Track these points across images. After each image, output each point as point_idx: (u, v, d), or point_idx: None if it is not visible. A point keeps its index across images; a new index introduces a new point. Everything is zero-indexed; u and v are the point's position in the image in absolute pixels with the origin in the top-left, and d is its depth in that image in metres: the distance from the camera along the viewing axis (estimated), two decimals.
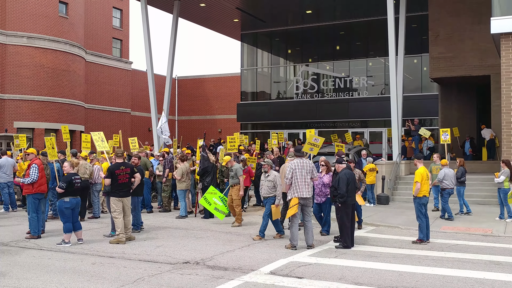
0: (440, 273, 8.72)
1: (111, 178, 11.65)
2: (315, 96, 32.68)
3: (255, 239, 11.91)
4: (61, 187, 11.20)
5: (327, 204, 12.61)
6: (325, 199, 12.51)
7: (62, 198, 11.25)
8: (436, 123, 28.44)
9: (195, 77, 48.22)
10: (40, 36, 33.35)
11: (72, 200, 11.26)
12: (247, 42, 35.30)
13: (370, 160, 19.03)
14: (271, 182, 11.99)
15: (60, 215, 11.37)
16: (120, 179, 11.72)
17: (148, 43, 26.44)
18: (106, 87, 41.25)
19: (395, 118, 21.69)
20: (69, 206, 11.19)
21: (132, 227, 12.61)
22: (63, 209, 11.19)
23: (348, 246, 10.91)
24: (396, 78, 21.92)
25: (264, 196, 12.17)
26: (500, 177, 14.71)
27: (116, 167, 11.83)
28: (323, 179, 12.52)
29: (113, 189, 11.71)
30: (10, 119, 32.32)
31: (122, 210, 11.69)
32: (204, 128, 42.41)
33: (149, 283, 8.01)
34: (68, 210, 11.19)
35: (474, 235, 12.86)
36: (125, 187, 11.84)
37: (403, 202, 19.15)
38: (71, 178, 11.32)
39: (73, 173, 11.63)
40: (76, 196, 11.40)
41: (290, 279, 8.27)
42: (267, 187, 12.03)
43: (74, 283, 7.95)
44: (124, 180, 11.79)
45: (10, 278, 8.25)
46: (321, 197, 12.56)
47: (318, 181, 12.31)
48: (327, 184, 12.38)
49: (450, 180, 15.19)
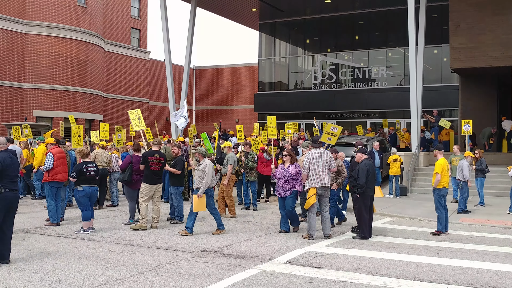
0: (458, 265, 8.65)
1: (144, 164, 11.76)
2: (333, 87, 32.48)
3: (180, 233, 11.09)
4: (72, 176, 11.40)
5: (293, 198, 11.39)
6: (291, 192, 11.31)
7: (76, 187, 11.39)
8: (456, 114, 28.14)
9: (212, 67, 48.23)
10: (59, 26, 33.54)
11: (86, 189, 11.32)
12: (265, 32, 35.16)
13: (394, 151, 18.91)
14: (202, 172, 11.10)
15: (77, 204, 11.53)
16: (152, 165, 11.80)
17: (166, 33, 26.47)
18: (125, 76, 41.44)
19: (414, 109, 21.48)
20: (83, 194, 11.28)
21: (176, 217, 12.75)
22: (78, 198, 11.34)
23: (365, 236, 10.86)
24: (416, 68, 21.68)
25: (196, 187, 11.28)
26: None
27: (150, 154, 11.93)
28: (289, 170, 11.34)
29: (144, 176, 11.83)
30: (29, 108, 32.66)
31: (151, 198, 11.82)
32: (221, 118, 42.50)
33: (167, 270, 8.06)
34: (83, 199, 11.30)
35: (494, 227, 12.72)
36: (157, 174, 11.93)
37: (421, 193, 19.02)
38: (81, 167, 11.39)
39: (85, 161, 11.67)
40: (91, 185, 11.47)
41: (307, 269, 8.26)
42: (198, 177, 11.15)
43: (93, 270, 8.03)
44: (157, 168, 11.90)
45: (30, 264, 8.36)
46: (285, 190, 11.37)
47: (283, 173, 11.35)
48: (294, 176, 11.29)
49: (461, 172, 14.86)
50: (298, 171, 11.33)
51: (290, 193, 11.32)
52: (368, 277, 7.80)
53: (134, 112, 14.67)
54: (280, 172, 11.42)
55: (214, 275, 7.82)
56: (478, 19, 23.17)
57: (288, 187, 11.31)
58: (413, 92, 21.54)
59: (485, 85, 26.39)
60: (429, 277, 7.85)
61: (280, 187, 11.44)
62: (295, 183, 11.31)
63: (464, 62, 23.47)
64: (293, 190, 11.32)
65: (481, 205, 15.92)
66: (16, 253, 9.03)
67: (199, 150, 11.53)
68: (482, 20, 23.10)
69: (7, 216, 8.38)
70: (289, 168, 11.38)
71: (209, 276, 7.76)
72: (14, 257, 8.70)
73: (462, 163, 14.84)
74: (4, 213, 8.29)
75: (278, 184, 11.51)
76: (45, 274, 7.75)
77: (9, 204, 8.35)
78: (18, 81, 32.39)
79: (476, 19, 23.21)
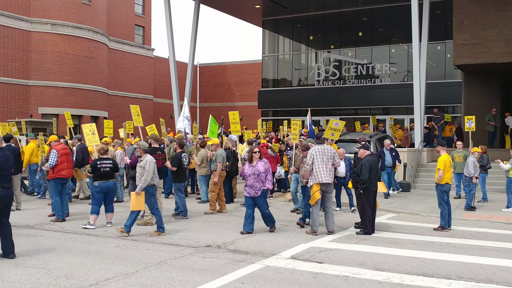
0: (461, 260, 8.69)
1: None
2: (336, 83, 32.48)
3: (118, 229, 10.51)
4: (88, 171, 11.60)
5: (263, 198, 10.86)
6: (261, 192, 10.68)
7: (93, 182, 11.52)
8: (459, 110, 28.13)
9: (216, 64, 48.28)
10: (64, 23, 33.64)
11: (102, 184, 11.41)
12: (269, 29, 35.15)
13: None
14: (142, 168, 10.64)
15: (91, 197, 11.67)
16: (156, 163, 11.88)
17: (170, 30, 26.53)
18: (129, 73, 41.54)
19: (418, 106, 21.49)
20: (98, 190, 11.40)
21: (180, 213, 12.89)
22: (93, 192, 11.50)
23: (369, 232, 10.92)
24: (420, 65, 21.68)
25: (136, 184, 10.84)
26: (507, 165, 14.50)
27: (153, 151, 12.00)
28: (257, 167, 10.71)
29: None
30: (35, 105, 32.81)
31: None
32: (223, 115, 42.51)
33: (171, 265, 8.13)
34: (98, 194, 11.42)
35: (496, 223, 12.76)
36: (160, 171, 12.07)
37: (424, 189, 19.05)
38: (96, 163, 11.49)
39: (102, 157, 11.71)
40: (107, 180, 11.54)
41: (311, 264, 8.32)
42: (139, 173, 10.69)
43: (98, 265, 8.11)
44: (160, 165, 12.04)
45: (36, 260, 8.44)
46: (255, 190, 10.71)
47: (252, 170, 10.67)
48: (263, 173, 10.67)
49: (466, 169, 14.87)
50: (267, 167, 10.76)
51: (260, 193, 10.71)
52: (371, 272, 7.86)
53: (134, 107, 14.77)
54: (248, 170, 10.75)
55: (218, 270, 7.89)
56: (481, 15, 23.14)
57: (258, 186, 10.68)
58: (417, 88, 21.54)
59: (489, 81, 26.35)
60: (432, 273, 7.90)
61: (249, 186, 10.73)
62: (265, 181, 10.72)
63: (468, 58, 23.44)
64: (263, 189, 10.73)
65: (484, 200, 15.94)
66: (22, 248, 9.12)
67: (140, 145, 10.97)
68: (485, 16, 23.06)
69: (1, 214, 8.41)
70: (257, 164, 10.74)
71: (213, 271, 7.83)
72: (20, 253, 8.79)
73: (469, 160, 14.83)
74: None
75: (246, 183, 10.82)
76: (51, 269, 7.84)
77: (5, 201, 8.40)
78: (23, 78, 32.53)
79: (479, 16, 23.17)
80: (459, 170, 16.01)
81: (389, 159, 17.18)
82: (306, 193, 11.86)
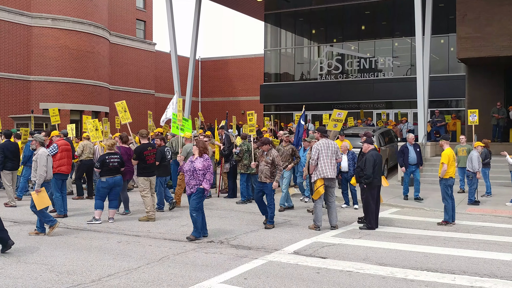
0: (465, 255, 8.63)
1: (139, 159, 11.82)
2: (339, 77, 32.37)
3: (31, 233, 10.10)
4: (96, 167, 11.54)
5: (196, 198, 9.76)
6: (195, 190, 9.71)
7: (100, 177, 11.49)
8: (462, 104, 28.02)
9: (218, 58, 48.14)
10: (65, 18, 33.54)
11: (109, 180, 11.40)
12: (271, 23, 35.02)
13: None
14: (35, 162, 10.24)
15: (96, 192, 11.67)
16: (148, 159, 11.92)
17: (171, 25, 26.43)
18: (130, 68, 41.45)
19: (421, 99, 21.39)
20: (105, 185, 11.39)
21: (157, 205, 13.02)
22: (99, 188, 11.47)
23: (372, 227, 10.86)
24: (423, 58, 21.58)
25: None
26: (509, 159, 14.45)
27: (144, 148, 11.98)
28: (195, 164, 9.73)
29: (141, 169, 11.88)
30: (36, 100, 32.74)
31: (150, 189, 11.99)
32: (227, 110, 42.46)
33: (174, 261, 8.09)
34: (104, 190, 11.42)
35: (501, 217, 12.69)
36: (153, 167, 12.12)
37: (428, 183, 18.96)
38: (104, 158, 11.45)
39: (108, 152, 11.65)
40: (113, 175, 11.50)
41: (314, 259, 8.27)
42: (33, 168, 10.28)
43: (100, 261, 8.07)
44: (152, 160, 12.01)
45: (38, 256, 8.41)
46: (190, 188, 9.78)
47: (189, 166, 9.76)
48: (200, 170, 9.67)
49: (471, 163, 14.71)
50: (206, 165, 9.74)
51: (195, 191, 9.74)
52: (375, 267, 7.81)
53: (120, 104, 14.64)
54: (186, 166, 9.90)
55: (221, 265, 7.85)
56: (485, 9, 23.01)
57: (193, 184, 9.74)
58: (420, 82, 21.44)
59: (492, 75, 26.24)
60: (436, 267, 7.85)
61: (186, 183, 9.93)
62: (202, 179, 9.73)
63: (471, 52, 23.33)
64: (198, 188, 9.73)
65: (488, 195, 15.87)
66: (23, 244, 9.10)
67: (36, 138, 10.52)
68: (489, 9, 22.93)
69: None
70: (196, 161, 9.77)
71: (216, 266, 7.79)
72: (21, 249, 8.78)
73: (472, 154, 14.71)
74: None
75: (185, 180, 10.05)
76: (53, 266, 7.80)
77: None
78: (24, 73, 32.46)
79: (483, 9, 23.04)
80: (462, 164, 15.91)
81: (413, 156, 15.27)
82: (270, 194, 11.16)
